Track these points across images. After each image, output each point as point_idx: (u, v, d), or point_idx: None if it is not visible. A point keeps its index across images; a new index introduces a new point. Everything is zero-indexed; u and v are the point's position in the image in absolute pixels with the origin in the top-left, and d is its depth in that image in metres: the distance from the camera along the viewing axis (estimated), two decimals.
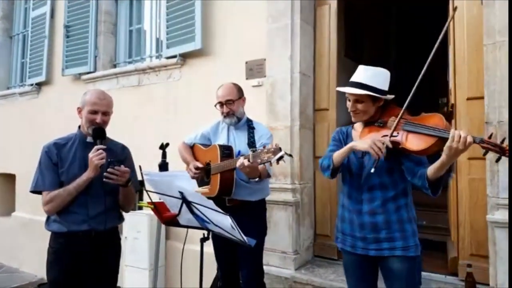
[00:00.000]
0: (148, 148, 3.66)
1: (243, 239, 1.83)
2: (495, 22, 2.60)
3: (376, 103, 1.97)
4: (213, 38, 4.06)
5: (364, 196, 1.97)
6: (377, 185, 1.94)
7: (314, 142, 3.73)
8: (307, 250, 3.60)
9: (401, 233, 1.91)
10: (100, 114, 2.22)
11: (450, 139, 1.60)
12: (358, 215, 1.97)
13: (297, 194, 3.46)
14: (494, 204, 2.57)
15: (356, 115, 2.01)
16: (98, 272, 2.21)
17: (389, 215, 1.92)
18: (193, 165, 2.63)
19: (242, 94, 2.71)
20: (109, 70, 5.05)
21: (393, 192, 1.93)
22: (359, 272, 2.05)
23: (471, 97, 2.86)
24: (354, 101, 1.98)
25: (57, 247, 2.21)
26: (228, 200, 2.53)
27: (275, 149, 2.00)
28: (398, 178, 1.94)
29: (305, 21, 3.59)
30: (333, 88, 3.65)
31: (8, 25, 6.77)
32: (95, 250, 2.20)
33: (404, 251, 1.89)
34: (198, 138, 2.82)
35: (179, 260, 4.10)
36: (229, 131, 2.72)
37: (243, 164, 2.16)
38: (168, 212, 2.18)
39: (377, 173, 1.89)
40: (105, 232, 2.23)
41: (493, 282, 2.56)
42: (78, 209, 2.19)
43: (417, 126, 1.79)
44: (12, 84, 6.71)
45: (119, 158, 2.29)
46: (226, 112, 2.62)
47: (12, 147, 6.12)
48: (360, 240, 1.97)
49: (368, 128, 2.00)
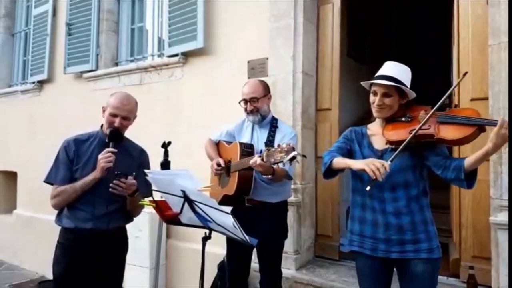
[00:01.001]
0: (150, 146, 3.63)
1: (245, 238, 1.82)
2: (501, 22, 2.58)
3: (401, 99, 1.93)
4: (215, 37, 4.05)
5: (387, 195, 1.89)
6: (401, 184, 1.88)
7: (316, 142, 3.72)
8: (308, 250, 3.59)
9: (426, 234, 1.86)
10: (119, 118, 2.24)
11: (498, 126, 1.58)
12: (382, 215, 1.90)
13: (299, 194, 3.45)
14: (497, 205, 2.56)
15: (382, 110, 1.93)
16: (102, 271, 2.21)
17: (414, 216, 1.86)
18: (216, 161, 2.58)
19: (268, 92, 2.66)
20: (111, 69, 5.05)
21: (416, 191, 1.88)
22: (375, 276, 1.98)
23: (475, 98, 2.84)
24: (383, 95, 1.90)
25: (65, 242, 2.24)
26: (247, 200, 2.49)
27: (288, 148, 1.95)
28: (420, 176, 1.90)
29: (308, 20, 3.58)
30: (336, 88, 3.64)
31: (10, 23, 6.77)
32: (99, 249, 2.20)
33: (429, 253, 1.84)
34: (224, 135, 2.78)
35: (180, 259, 4.12)
36: (253, 129, 2.67)
37: (255, 163, 2.14)
38: (170, 210, 2.16)
39: (403, 171, 1.86)
40: (110, 231, 2.23)
41: (495, 284, 2.54)
42: (84, 207, 2.21)
43: (453, 117, 1.77)
44: (14, 82, 6.70)
45: (135, 161, 2.32)
46: (250, 109, 2.57)
47: (13, 145, 6.12)
48: (383, 242, 1.89)
49: (391, 125, 1.93)
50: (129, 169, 2.23)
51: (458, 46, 2.97)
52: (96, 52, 5.13)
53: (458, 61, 2.96)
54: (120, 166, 2.19)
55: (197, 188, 2.42)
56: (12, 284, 4.83)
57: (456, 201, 2.96)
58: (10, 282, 4.89)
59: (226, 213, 1.79)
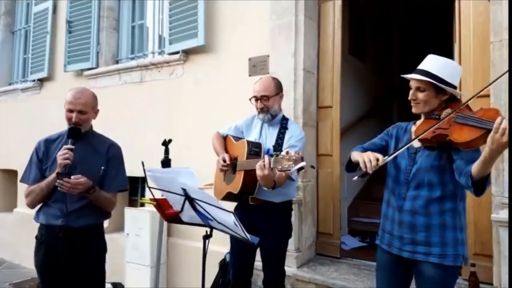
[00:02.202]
0: (151, 144, 3.65)
1: (246, 237, 1.81)
2: (502, 19, 2.57)
3: (440, 95, 1.82)
4: (216, 34, 4.04)
5: (410, 193, 1.86)
6: (425, 183, 1.83)
7: (317, 139, 3.71)
8: (310, 248, 3.59)
9: (440, 239, 1.79)
10: (75, 112, 2.25)
11: (494, 130, 1.45)
12: (399, 212, 1.89)
13: (300, 192, 3.44)
14: (499, 203, 2.55)
15: (416, 105, 1.87)
16: (75, 269, 2.21)
17: (431, 218, 1.81)
18: (222, 157, 2.53)
19: (280, 90, 2.61)
20: (111, 66, 5.04)
21: (439, 193, 1.81)
22: (393, 272, 1.96)
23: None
24: (416, 89, 1.85)
25: (40, 237, 2.30)
26: (251, 198, 2.47)
27: (297, 158, 1.90)
28: (448, 178, 1.80)
29: (309, 17, 3.57)
30: (337, 86, 3.63)
31: (10, 20, 6.75)
32: (71, 246, 2.20)
33: (441, 259, 1.78)
34: (232, 130, 2.74)
35: (181, 257, 4.12)
36: (263, 127, 2.63)
37: (261, 166, 2.09)
38: (171, 208, 2.16)
39: (428, 170, 1.81)
40: (81, 228, 2.22)
41: (497, 281, 2.54)
42: (55, 204, 2.24)
43: (468, 118, 1.65)
44: (14, 80, 6.69)
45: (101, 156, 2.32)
46: (260, 108, 2.53)
47: (13, 143, 6.11)
48: (397, 239, 1.89)
49: (425, 121, 1.86)
50: (95, 165, 2.27)
51: (459, 43, 2.96)
52: (97, 50, 5.12)
53: (459, 58, 2.94)
54: (85, 162, 2.24)
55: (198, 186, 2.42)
56: (12, 283, 4.83)
57: None
58: (11, 281, 4.89)
59: (227, 211, 1.78)
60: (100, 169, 2.27)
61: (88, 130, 2.38)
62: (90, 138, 2.37)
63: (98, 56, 5.13)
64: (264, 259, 2.56)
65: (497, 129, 1.44)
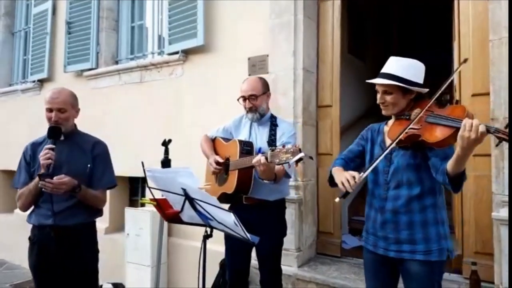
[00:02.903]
0: (151, 144, 3.65)
1: (246, 236, 1.81)
2: (501, 17, 2.57)
3: (407, 95, 1.87)
4: (215, 34, 4.04)
5: (390, 193, 1.89)
6: (404, 182, 1.86)
7: (317, 139, 3.71)
8: (310, 247, 3.58)
9: (423, 235, 1.82)
10: (54, 112, 2.27)
11: (462, 128, 1.50)
12: (381, 213, 1.91)
13: (300, 191, 3.44)
14: (499, 201, 2.55)
15: (385, 107, 1.93)
16: (66, 268, 2.23)
17: (413, 215, 1.84)
18: (213, 159, 2.54)
19: (267, 89, 2.62)
20: (111, 67, 5.04)
21: (418, 190, 1.84)
22: (379, 272, 1.98)
23: (476, 94, 2.83)
24: (383, 93, 1.90)
25: (33, 238, 2.32)
26: (245, 198, 2.47)
27: (295, 150, 1.92)
28: (425, 175, 1.84)
29: (308, 17, 3.56)
30: (337, 85, 3.63)
31: (10, 21, 6.76)
32: (62, 246, 2.22)
33: (426, 255, 1.81)
34: (220, 132, 2.76)
35: (181, 257, 4.12)
36: (252, 126, 2.64)
37: (259, 162, 2.10)
38: (171, 208, 2.15)
39: (405, 169, 1.85)
40: (72, 227, 2.24)
41: (498, 280, 2.53)
42: (43, 204, 2.27)
43: (438, 117, 1.70)
44: (14, 81, 6.70)
45: (87, 154, 2.34)
46: (248, 107, 2.54)
47: (14, 144, 6.09)
48: (381, 239, 1.91)
49: (398, 122, 1.91)
50: (81, 164, 2.30)
51: (458, 41, 2.96)
52: (96, 50, 5.12)
53: (459, 56, 2.94)
54: (71, 162, 2.27)
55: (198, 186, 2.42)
56: (13, 284, 4.84)
57: (458, 197, 2.95)
58: (11, 282, 4.90)
59: (227, 211, 1.78)
60: (86, 168, 2.30)
61: (72, 130, 2.40)
62: (75, 137, 2.39)
63: (98, 56, 5.13)
64: (260, 258, 2.56)
65: (465, 127, 1.49)
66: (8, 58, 6.74)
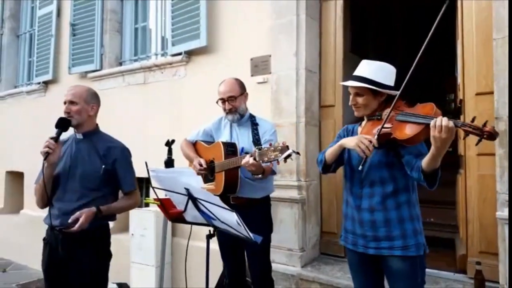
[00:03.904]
0: (154, 145, 3.67)
1: (249, 235, 1.82)
2: (505, 16, 2.55)
3: (377, 97, 1.93)
4: (218, 35, 4.05)
5: (365, 191, 1.94)
6: (377, 180, 1.91)
7: (320, 139, 3.70)
8: (313, 247, 3.58)
9: (400, 231, 1.86)
10: (67, 103, 2.28)
11: (431, 129, 1.55)
12: (358, 211, 1.95)
13: (303, 191, 3.44)
14: (503, 200, 2.53)
15: (357, 109, 1.99)
16: (74, 271, 2.19)
17: (388, 213, 1.88)
18: (197, 161, 2.57)
19: (244, 90, 2.65)
20: (115, 68, 5.06)
21: (392, 187, 1.88)
22: (363, 270, 2.03)
23: (480, 92, 2.82)
24: (355, 95, 1.96)
25: (46, 238, 2.32)
26: (233, 198, 2.51)
27: (282, 147, 1.96)
28: (398, 172, 1.89)
29: (310, 17, 3.56)
30: (339, 84, 3.62)
31: (15, 24, 6.82)
32: (69, 248, 2.18)
33: (404, 251, 1.84)
34: (200, 135, 2.79)
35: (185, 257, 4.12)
36: (232, 127, 2.68)
37: (248, 163, 2.13)
38: (174, 208, 2.17)
39: (378, 167, 1.89)
40: (81, 231, 2.14)
41: (502, 279, 2.52)
42: (56, 203, 2.26)
43: (407, 115, 1.76)
44: (19, 82, 6.76)
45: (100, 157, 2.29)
46: (228, 108, 2.57)
47: (20, 145, 6.16)
48: (360, 237, 1.95)
49: (370, 122, 1.97)
50: (94, 165, 2.27)
51: (462, 40, 2.95)
52: (100, 52, 5.15)
53: (462, 55, 2.93)
54: (86, 162, 2.27)
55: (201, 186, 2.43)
56: (19, 284, 4.87)
57: (462, 197, 2.94)
58: (18, 282, 4.93)
59: (230, 210, 1.79)
60: (100, 169, 2.26)
61: (93, 130, 2.39)
62: (94, 138, 2.36)
63: (102, 58, 5.16)
64: (250, 256, 2.59)
65: (434, 127, 1.54)
66: (14, 60, 6.80)
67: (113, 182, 2.32)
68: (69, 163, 2.27)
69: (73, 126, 2.30)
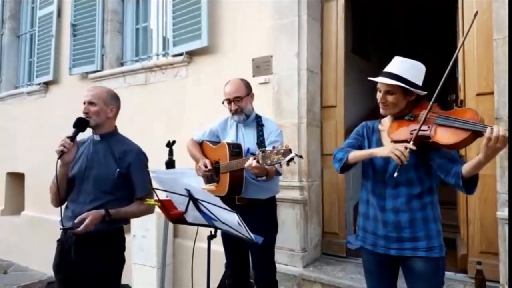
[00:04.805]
0: (155, 146, 3.66)
1: (250, 236, 1.82)
2: (505, 16, 2.56)
3: (407, 96, 1.88)
4: (219, 35, 4.05)
5: (389, 192, 1.90)
6: (403, 181, 1.86)
7: (321, 139, 3.71)
8: (315, 247, 3.59)
9: (425, 232, 1.84)
10: (86, 104, 2.26)
11: (486, 138, 1.52)
12: (382, 212, 1.91)
13: (305, 192, 3.44)
14: (504, 200, 2.54)
15: (385, 107, 1.92)
16: (84, 274, 2.15)
17: (414, 213, 1.85)
18: (203, 163, 2.56)
19: (250, 90, 2.63)
20: (116, 69, 5.07)
21: (419, 189, 1.85)
22: (379, 272, 2.00)
23: (480, 93, 2.82)
24: (385, 92, 1.89)
25: (59, 240, 2.29)
26: (238, 198, 2.50)
27: (285, 150, 1.94)
28: (424, 174, 1.86)
29: (312, 17, 3.57)
30: (341, 85, 3.63)
31: (15, 24, 6.83)
32: (81, 250, 2.16)
33: (428, 252, 1.82)
34: (207, 135, 2.77)
35: (187, 258, 4.13)
36: (238, 128, 2.66)
37: (251, 165, 2.11)
38: (175, 209, 2.17)
39: (404, 169, 1.82)
40: (91, 233, 2.12)
41: (503, 279, 2.53)
42: (70, 205, 2.25)
43: (450, 120, 1.70)
44: (20, 83, 6.76)
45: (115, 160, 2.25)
46: (234, 109, 2.54)
47: (20, 146, 6.16)
48: (382, 238, 1.91)
49: (397, 122, 1.91)
50: (109, 168, 2.24)
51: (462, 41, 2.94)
52: (101, 53, 5.15)
53: (463, 55, 2.93)
54: (101, 164, 2.24)
55: (202, 187, 2.43)
56: (21, 286, 4.86)
57: (463, 197, 2.95)
58: (19, 284, 4.92)
59: (231, 211, 1.79)
60: (115, 173, 2.21)
61: (112, 131, 2.35)
62: (112, 140, 2.33)
63: (103, 58, 5.16)
64: (255, 257, 2.59)
65: (490, 138, 1.52)
66: (14, 61, 6.81)
67: (127, 186, 2.27)
68: (85, 165, 2.24)
69: (91, 127, 2.28)
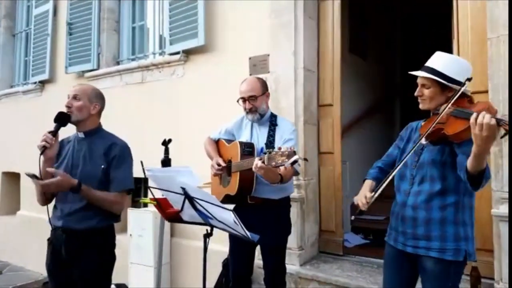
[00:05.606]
0: (151, 144, 3.66)
1: (246, 234, 1.82)
2: (499, 16, 2.58)
3: (445, 92, 1.82)
4: (216, 34, 4.05)
5: (413, 189, 1.89)
6: (427, 178, 1.84)
7: (318, 138, 3.72)
8: (312, 246, 3.59)
9: (440, 233, 1.80)
10: (70, 98, 2.27)
11: (471, 125, 1.48)
12: (402, 208, 1.91)
13: (302, 190, 3.45)
14: (498, 198, 2.56)
15: (423, 101, 1.88)
16: (76, 272, 2.16)
17: (431, 212, 1.82)
18: (216, 161, 2.55)
19: (266, 89, 2.61)
20: (112, 68, 5.06)
21: (440, 187, 1.81)
22: (395, 266, 1.99)
23: (475, 91, 2.81)
24: (421, 86, 1.86)
25: (50, 239, 2.29)
26: (250, 197, 2.47)
27: (290, 152, 1.94)
28: (449, 172, 1.80)
29: (308, 16, 3.57)
30: (337, 84, 3.64)
31: (11, 23, 6.79)
32: (71, 249, 2.16)
33: (440, 253, 1.79)
34: (223, 133, 2.76)
35: (184, 257, 4.13)
36: (253, 127, 2.64)
37: (256, 166, 2.09)
38: (171, 208, 2.17)
39: (430, 165, 1.83)
40: (83, 231, 2.13)
41: (498, 276, 2.55)
42: (58, 204, 2.25)
43: (462, 112, 1.66)
44: (15, 82, 6.73)
45: (100, 154, 2.24)
46: (248, 108, 2.52)
47: (16, 145, 6.13)
48: (401, 234, 1.91)
49: (431, 118, 1.88)
50: (94, 164, 2.23)
51: (458, 40, 2.97)
52: (98, 51, 5.13)
53: (458, 54, 2.94)
54: (86, 161, 2.23)
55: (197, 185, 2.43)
56: (16, 286, 4.85)
57: None
58: (15, 284, 4.91)
59: (227, 210, 1.79)
60: (99, 169, 2.21)
61: (95, 128, 2.35)
62: (96, 137, 2.32)
63: (99, 57, 5.14)
64: (265, 256, 2.57)
65: (474, 124, 1.47)
66: (9, 60, 6.77)
67: None
68: (71, 163, 2.24)
69: (72, 123, 2.27)
